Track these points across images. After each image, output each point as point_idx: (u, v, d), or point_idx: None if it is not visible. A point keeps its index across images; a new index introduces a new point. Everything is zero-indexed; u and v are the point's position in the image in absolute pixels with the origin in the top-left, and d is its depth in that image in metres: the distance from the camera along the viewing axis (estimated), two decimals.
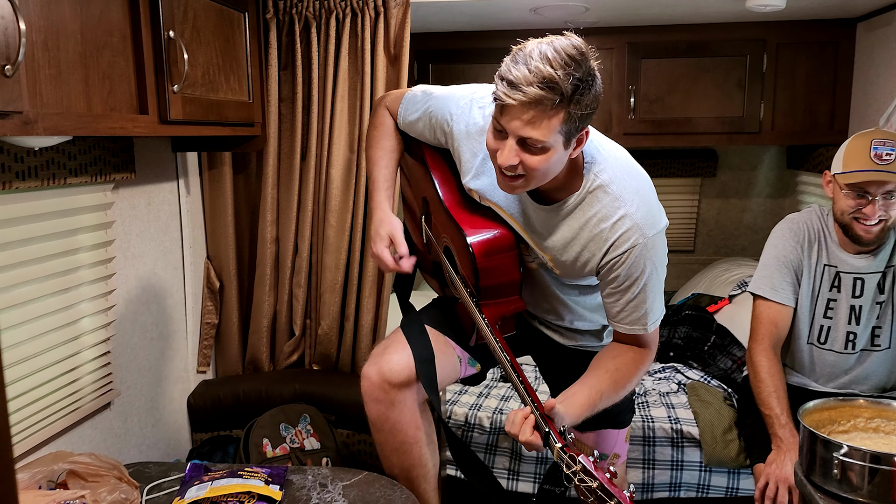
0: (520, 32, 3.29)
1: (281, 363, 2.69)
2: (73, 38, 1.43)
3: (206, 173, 2.55)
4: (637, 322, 1.60)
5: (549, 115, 1.35)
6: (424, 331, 1.83)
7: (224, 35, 2.04)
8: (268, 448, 2.33)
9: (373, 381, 1.76)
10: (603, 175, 1.53)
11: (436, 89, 1.79)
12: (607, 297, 1.61)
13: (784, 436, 1.97)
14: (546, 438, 1.41)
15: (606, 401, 1.57)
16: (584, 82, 1.36)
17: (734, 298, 3.37)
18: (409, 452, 1.82)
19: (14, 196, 1.65)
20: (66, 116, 1.40)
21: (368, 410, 1.80)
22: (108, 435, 2.09)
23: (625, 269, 1.53)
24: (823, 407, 1.66)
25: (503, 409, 2.67)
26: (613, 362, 1.62)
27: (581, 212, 1.55)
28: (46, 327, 1.79)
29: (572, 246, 1.58)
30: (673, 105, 3.18)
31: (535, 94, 1.33)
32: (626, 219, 1.51)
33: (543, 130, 1.37)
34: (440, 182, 1.78)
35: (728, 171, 3.98)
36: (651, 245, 1.53)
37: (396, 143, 1.88)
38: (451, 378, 1.87)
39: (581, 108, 1.37)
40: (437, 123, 1.73)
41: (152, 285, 2.28)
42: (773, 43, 3.06)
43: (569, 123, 1.38)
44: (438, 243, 1.83)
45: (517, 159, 1.41)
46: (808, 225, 2.15)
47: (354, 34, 2.43)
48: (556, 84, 1.32)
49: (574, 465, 1.33)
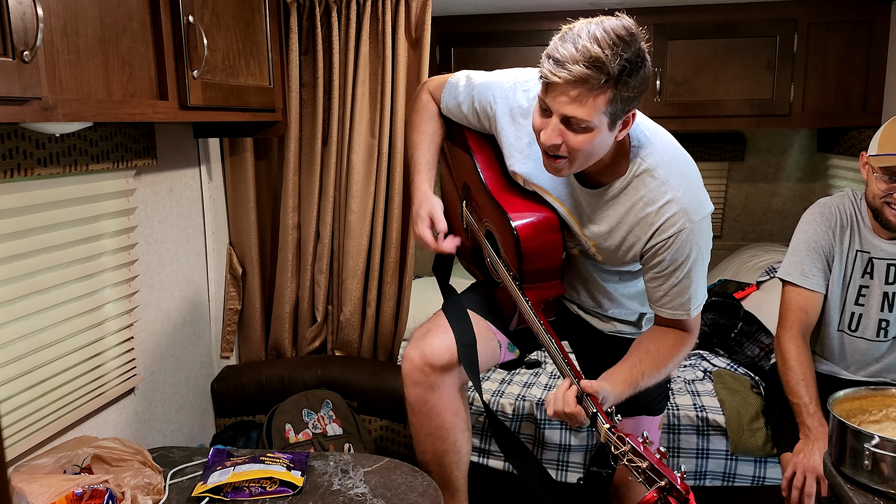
0: (543, 14, 3.25)
1: (303, 349, 2.69)
2: (92, 24, 1.42)
3: (227, 159, 2.55)
4: (680, 307, 1.60)
5: (595, 94, 1.34)
6: (466, 315, 1.83)
7: (244, 19, 2.03)
8: (290, 434, 2.34)
9: (414, 364, 1.76)
10: (649, 159, 1.52)
11: (479, 74, 1.79)
12: (650, 281, 1.60)
13: (812, 425, 1.93)
14: (593, 420, 1.41)
15: (647, 381, 1.57)
16: (632, 64, 1.34)
17: (762, 285, 3.31)
18: (444, 438, 1.82)
19: (36, 182, 1.66)
20: (86, 102, 1.40)
21: (408, 393, 1.80)
22: (133, 420, 2.10)
23: (670, 253, 1.52)
24: (854, 396, 1.62)
25: (526, 395, 2.65)
26: (655, 344, 1.62)
27: (627, 196, 1.54)
28: (70, 313, 1.80)
29: (618, 230, 1.57)
30: (700, 87, 3.11)
31: (580, 73, 1.32)
32: (673, 203, 1.50)
33: (588, 110, 1.36)
34: (483, 166, 1.79)
35: (756, 155, 3.91)
36: (697, 230, 1.52)
37: (438, 128, 1.90)
38: (490, 363, 1.87)
39: (628, 89, 1.36)
40: (480, 108, 1.73)
41: (175, 271, 2.29)
42: (805, 22, 2.98)
43: (614, 105, 1.37)
44: (480, 228, 1.84)
45: (560, 139, 1.41)
46: (841, 209, 2.09)
47: (375, 18, 2.41)
48: (603, 64, 1.31)
49: (623, 446, 1.33)
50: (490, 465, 2.59)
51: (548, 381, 2.81)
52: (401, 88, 2.43)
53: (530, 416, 2.59)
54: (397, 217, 2.52)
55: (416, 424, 1.83)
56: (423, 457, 1.86)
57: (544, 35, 3.15)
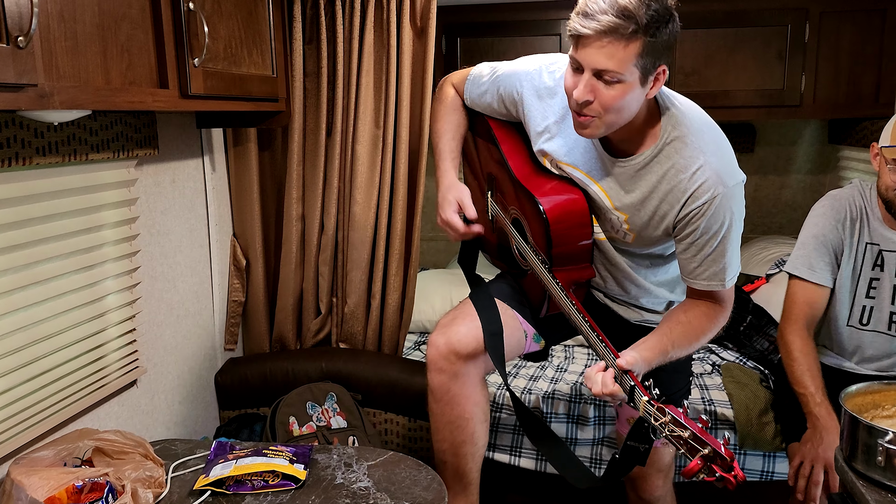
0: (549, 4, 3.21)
1: (308, 341, 2.67)
2: (90, 10, 1.40)
3: (231, 150, 2.53)
4: (715, 277, 1.58)
5: (625, 44, 1.36)
6: (494, 304, 1.82)
7: (246, 7, 2.00)
8: (294, 426, 2.32)
9: (440, 351, 1.76)
10: (680, 127, 1.53)
11: (502, 64, 1.81)
12: (683, 252, 1.59)
13: (820, 414, 1.90)
14: (631, 394, 1.41)
15: (677, 351, 1.57)
16: (660, 14, 1.37)
17: (771, 278, 3.27)
18: (463, 427, 1.81)
19: (35, 172, 1.64)
20: (84, 90, 1.37)
21: (431, 379, 1.79)
22: (135, 412, 2.09)
23: (704, 220, 1.52)
24: (867, 391, 1.59)
25: (532, 388, 2.63)
26: (686, 315, 1.62)
27: (658, 164, 1.54)
28: (70, 304, 1.78)
29: (650, 200, 1.57)
30: (709, 78, 3.07)
31: (609, 22, 1.34)
32: (706, 168, 1.50)
33: (618, 61, 1.37)
34: (509, 153, 1.80)
35: (766, 147, 3.86)
36: (731, 195, 1.52)
37: (462, 118, 1.92)
38: (515, 352, 1.86)
39: (657, 40, 1.38)
40: (507, 93, 1.75)
41: (178, 263, 2.27)
42: (816, 11, 2.94)
43: (644, 57, 1.38)
44: (507, 216, 1.84)
45: (592, 95, 1.43)
46: (850, 202, 2.05)
47: (380, 7, 2.38)
48: (632, 13, 1.34)
49: (663, 416, 1.32)
50: (495, 458, 2.57)
51: (554, 374, 2.79)
52: (406, 78, 2.40)
53: (536, 410, 2.56)
54: (402, 208, 2.49)
55: (437, 412, 1.82)
56: (439, 445, 1.85)
57: (551, 25, 3.14)
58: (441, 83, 1.98)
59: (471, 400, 1.79)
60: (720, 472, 1.25)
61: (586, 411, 2.56)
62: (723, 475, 1.25)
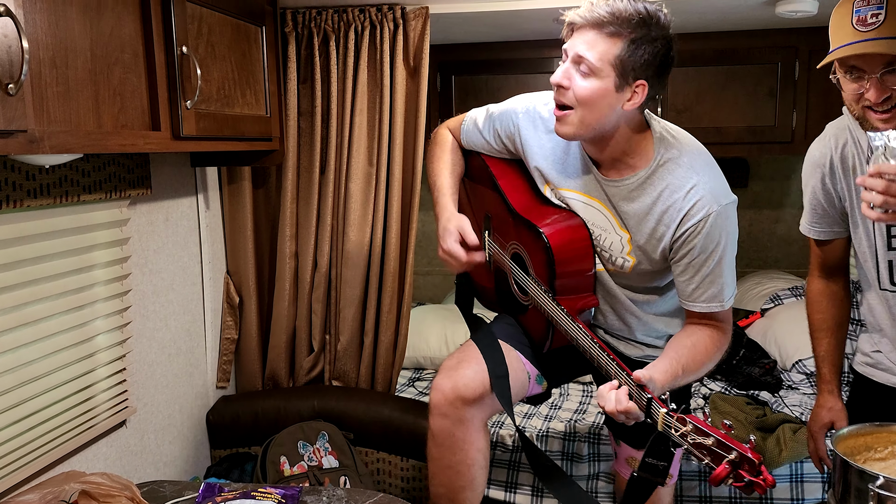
0: (543, 42, 3.24)
1: (300, 379, 2.66)
2: (82, 55, 1.41)
3: (225, 188, 2.54)
4: (714, 298, 1.62)
5: (606, 39, 1.47)
6: (498, 345, 1.82)
7: (240, 49, 2.03)
8: (285, 466, 2.30)
9: (445, 395, 1.74)
10: (672, 150, 1.60)
11: (495, 105, 1.88)
12: (681, 274, 1.63)
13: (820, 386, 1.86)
14: (648, 408, 1.41)
15: (686, 376, 1.58)
16: (647, 25, 1.47)
17: (766, 312, 3.27)
18: (463, 473, 1.79)
19: (26, 214, 1.64)
20: (74, 134, 1.38)
21: (433, 423, 1.78)
22: (124, 453, 2.07)
23: (700, 239, 1.57)
24: (858, 433, 1.56)
25: (525, 426, 2.61)
26: (690, 339, 1.64)
27: (652, 185, 1.59)
28: (60, 345, 1.78)
29: (647, 220, 1.61)
30: (701, 115, 3.09)
31: (599, 16, 1.46)
32: (699, 187, 1.56)
33: (597, 53, 1.47)
34: (507, 188, 1.84)
35: (760, 182, 3.88)
36: (725, 214, 1.57)
37: (458, 159, 1.98)
38: (519, 395, 1.85)
39: (638, 48, 1.47)
40: (503, 128, 1.81)
41: (170, 301, 2.26)
42: (805, 49, 2.96)
43: (623, 60, 1.47)
44: (505, 252, 1.86)
45: (568, 81, 1.51)
46: (829, 147, 1.73)
47: (373, 47, 2.41)
48: (624, 16, 1.45)
49: (684, 426, 1.31)
50: (491, 495, 2.54)
51: (548, 411, 2.77)
52: (399, 117, 2.42)
53: None
54: (395, 246, 2.50)
55: (437, 456, 1.79)
56: (437, 490, 1.83)
57: (544, 63, 3.17)
58: (436, 130, 2.03)
59: (474, 446, 1.77)
60: (749, 477, 1.24)
61: (580, 448, 2.54)
62: (752, 479, 1.24)
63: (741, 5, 2.45)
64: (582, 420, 2.66)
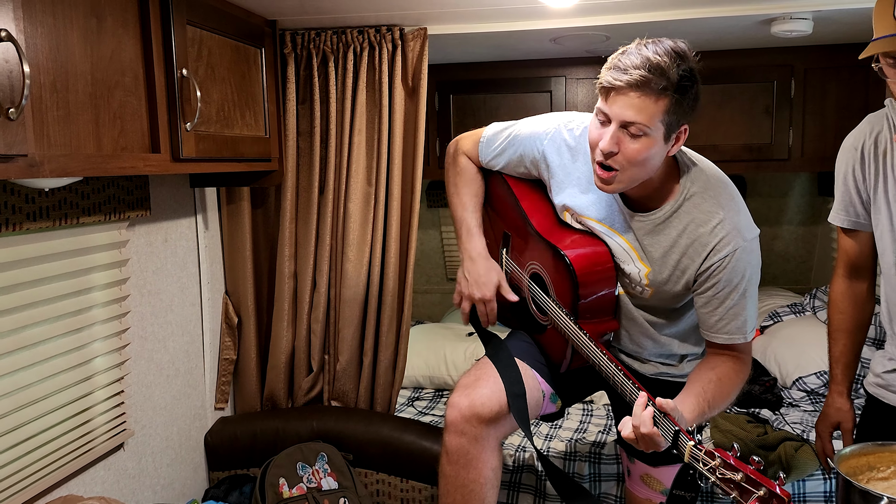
0: (540, 62, 3.26)
1: (299, 399, 2.64)
2: (82, 79, 1.42)
3: (224, 208, 2.54)
4: (737, 331, 1.61)
5: (654, 98, 1.43)
6: (514, 363, 1.81)
7: (240, 71, 2.04)
8: (284, 488, 2.28)
9: (462, 413, 1.73)
10: (698, 183, 1.59)
11: (517, 124, 1.86)
12: (704, 306, 1.62)
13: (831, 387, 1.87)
14: (675, 440, 1.39)
15: (713, 410, 1.57)
16: (690, 75, 1.45)
17: (766, 330, 3.26)
18: (476, 492, 1.77)
19: (25, 237, 1.64)
20: (74, 157, 1.39)
21: (448, 441, 1.76)
22: (122, 476, 2.05)
23: (725, 274, 1.56)
24: (861, 452, 1.56)
25: (526, 446, 2.60)
26: (715, 372, 1.62)
27: (678, 219, 1.59)
28: (57, 368, 1.77)
29: (671, 254, 1.60)
30: (698, 132, 3.08)
31: (641, 76, 1.41)
32: (726, 222, 1.55)
33: (647, 115, 1.43)
34: (529, 209, 1.83)
35: (757, 199, 3.89)
36: (749, 249, 1.57)
37: (480, 188, 1.98)
38: (534, 414, 1.84)
39: (685, 99, 1.45)
40: (527, 153, 1.80)
41: (169, 322, 2.26)
42: (801, 68, 2.99)
43: (671, 114, 1.44)
44: (524, 272, 1.86)
45: (617, 147, 1.47)
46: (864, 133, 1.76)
47: (372, 67, 2.42)
48: (664, 70, 1.41)
49: (712, 461, 1.30)
50: None
51: (549, 430, 2.76)
52: (398, 137, 2.43)
53: (531, 468, 2.53)
54: (394, 265, 2.49)
55: (451, 474, 1.77)
56: None
57: (542, 82, 3.19)
58: (450, 152, 2.00)
59: (488, 465, 1.76)
60: None
61: (581, 468, 2.52)
62: None
63: (737, 26, 2.47)
64: (583, 439, 2.65)
